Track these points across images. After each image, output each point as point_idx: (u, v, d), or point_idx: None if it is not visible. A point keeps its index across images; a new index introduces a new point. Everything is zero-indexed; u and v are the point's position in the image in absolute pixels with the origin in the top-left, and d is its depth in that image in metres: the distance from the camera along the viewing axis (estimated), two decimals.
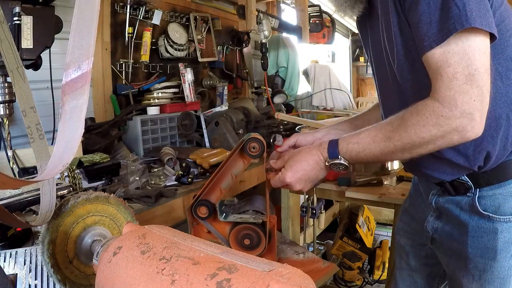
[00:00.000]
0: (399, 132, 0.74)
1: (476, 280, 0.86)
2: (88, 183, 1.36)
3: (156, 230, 0.55)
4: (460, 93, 0.66)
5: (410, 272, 1.12)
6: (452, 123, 0.68)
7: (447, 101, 0.68)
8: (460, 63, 0.66)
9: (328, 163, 0.84)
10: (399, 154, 0.76)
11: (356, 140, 0.80)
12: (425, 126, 0.70)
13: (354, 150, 0.80)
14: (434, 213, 0.95)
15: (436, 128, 0.69)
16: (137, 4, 2.03)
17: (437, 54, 0.68)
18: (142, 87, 2.09)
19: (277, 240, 1.01)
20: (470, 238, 0.84)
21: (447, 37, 0.67)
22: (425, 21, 0.69)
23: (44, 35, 1.05)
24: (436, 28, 0.68)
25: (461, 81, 0.66)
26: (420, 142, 0.72)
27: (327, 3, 4.07)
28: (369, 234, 2.72)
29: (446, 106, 0.68)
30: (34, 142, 0.64)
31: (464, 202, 0.85)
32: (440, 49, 0.68)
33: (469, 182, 0.84)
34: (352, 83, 6.06)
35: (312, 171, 0.86)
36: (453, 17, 0.66)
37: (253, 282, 0.39)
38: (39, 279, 0.72)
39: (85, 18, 0.51)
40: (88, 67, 0.52)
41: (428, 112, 0.70)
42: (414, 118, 0.72)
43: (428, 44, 0.69)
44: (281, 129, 2.14)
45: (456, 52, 0.67)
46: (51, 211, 0.66)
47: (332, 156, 0.83)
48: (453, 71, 0.67)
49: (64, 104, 0.52)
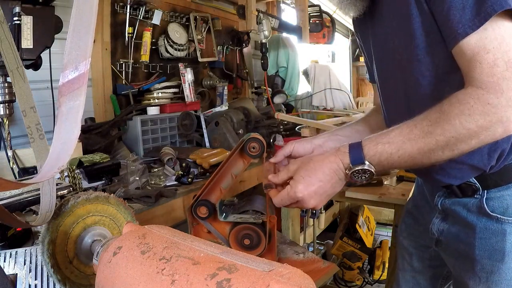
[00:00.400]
0: (441, 124, 0.66)
1: (483, 282, 0.84)
2: (88, 183, 1.36)
3: (156, 230, 0.55)
4: (503, 79, 0.62)
5: (413, 273, 1.11)
6: (498, 112, 0.63)
7: (492, 87, 0.63)
8: (499, 49, 0.63)
9: (350, 171, 0.72)
10: (439, 153, 0.68)
11: (387, 140, 0.70)
12: (471, 115, 0.64)
13: (385, 151, 0.70)
14: (440, 215, 0.93)
15: (483, 117, 0.63)
16: (137, 4, 2.03)
17: (474, 41, 0.64)
18: (142, 87, 2.09)
19: (277, 240, 1.01)
20: (478, 240, 0.82)
21: (485, 22, 0.63)
22: (457, 7, 0.65)
23: (44, 35, 1.05)
24: (471, 14, 0.64)
25: (502, 67, 0.62)
26: (466, 134, 0.65)
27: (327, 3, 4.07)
28: (369, 234, 2.72)
29: (492, 93, 0.62)
30: (34, 142, 0.64)
31: (472, 204, 0.83)
32: (477, 35, 0.64)
33: (477, 184, 0.82)
34: (352, 83, 6.06)
35: (329, 183, 0.74)
36: None
37: (253, 282, 0.39)
38: (39, 279, 0.72)
39: (83, 18, 0.51)
40: (85, 68, 0.52)
41: (473, 100, 0.64)
42: (457, 108, 0.65)
43: (463, 31, 0.65)
44: (281, 129, 2.14)
45: (494, 37, 0.63)
46: (51, 211, 0.66)
47: (356, 161, 0.71)
48: (493, 57, 0.63)
49: (61, 105, 0.52)
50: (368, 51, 0.97)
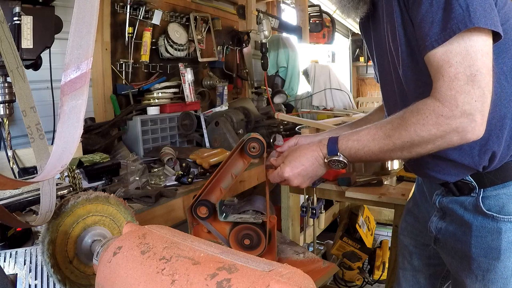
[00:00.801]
0: (399, 130, 0.74)
1: (479, 280, 0.85)
2: (88, 183, 1.36)
3: (156, 230, 0.55)
4: (461, 93, 0.66)
5: (414, 272, 1.12)
6: (452, 123, 0.67)
7: (447, 101, 0.67)
8: (462, 63, 0.66)
9: (327, 160, 0.84)
10: (398, 153, 0.76)
11: (356, 138, 0.80)
12: (424, 125, 0.70)
13: (354, 147, 0.80)
14: (438, 213, 0.95)
15: (436, 127, 0.69)
16: (137, 4, 2.03)
17: (439, 54, 0.68)
18: (142, 87, 2.09)
19: (277, 240, 1.01)
20: (474, 238, 0.84)
21: (450, 37, 0.66)
22: (427, 20, 0.69)
23: (44, 35, 1.05)
24: (438, 28, 0.67)
25: (463, 81, 0.66)
26: (420, 141, 0.72)
27: (327, 3, 4.07)
28: (369, 234, 2.72)
29: (446, 106, 0.67)
30: (34, 142, 0.64)
31: (468, 202, 0.85)
32: (442, 49, 0.67)
33: (473, 183, 0.84)
34: (352, 83, 6.07)
35: (311, 167, 0.86)
36: (456, 17, 0.65)
37: (253, 282, 0.39)
38: (39, 279, 0.72)
39: (85, 18, 0.51)
40: (87, 67, 0.52)
41: (428, 111, 0.69)
42: (414, 117, 0.71)
43: (430, 44, 0.69)
44: (281, 129, 2.14)
45: (458, 52, 0.66)
46: (51, 211, 0.66)
47: (331, 152, 0.83)
48: (455, 71, 0.66)
49: (63, 104, 0.52)
50: (371, 52, 1.00)
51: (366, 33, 1.00)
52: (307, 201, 1.92)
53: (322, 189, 1.82)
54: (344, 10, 0.91)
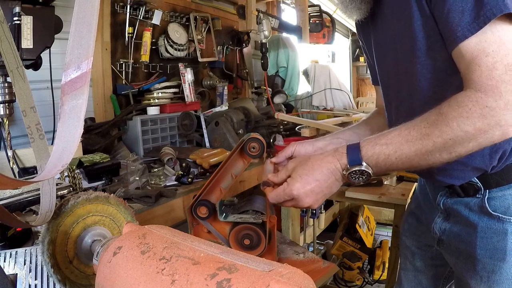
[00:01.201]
0: (439, 126, 0.66)
1: (484, 281, 0.84)
2: (88, 183, 1.36)
3: (156, 230, 0.55)
4: (502, 82, 0.62)
5: (416, 273, 1.11)
6: (496, 115, 0.63)
7: (490, 90, 0.63)
8: (498, 53, 0.63)
9: (347, 172, 0.72)
10: (436, 155, 0.68)
11: (384, 141, 0.70)
12: (469, 118, 0.64)
13: (383, 153, 0.69)
14: (442, 214, 0.93)
15: (481, 120, 0.63)
16: (137, 4, 2.04)
17: (473, 44, 0.65)
18: (142, 87, 2.09)
19: (277, 240, 1.01)
20: (479, 239, 0.83)
21: (484, 25, 0.63)
22: (456, 10, 0.66)
23: (44, 35, 1.05)
24: (470, 17, 0.64)
25: (501, 71, 0.62)
26: (463, 137, 0.65)
27: (327, 3, 4.08)
28: (369, 234, 2.72)
29: (490, 96, 0.62)
30: (34, 142, 0.64)
31: (473, 203, 0.84)
32: (476, 39, 0.64)
33: (479, 184, 0.82)
34: (352, 83, 6.07)
35: (326, 183, 0.74)
36: (490, 2, 0.62)
37: (253, 282, 0.39)
38: (39, 279, 0.72)
39: (85, 17, 0.51)
40: (87, 67, 0.52)
41: (472, 103, 0.64)
42: (456, 111, 0.65)
43: (462, 34, 0.65)
44: (281, 129, 2.14)
45: (493, 41, 0.63)
46: (51, 211, 0.66)
47: (353, 162, 0.71)
48: (492, 60, 0.63)
49: (63, 104, 0.52)
50: (371, 53, 0.98)
51: (365, 32, 0.98)
52: None
53: None
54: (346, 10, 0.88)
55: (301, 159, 0.78)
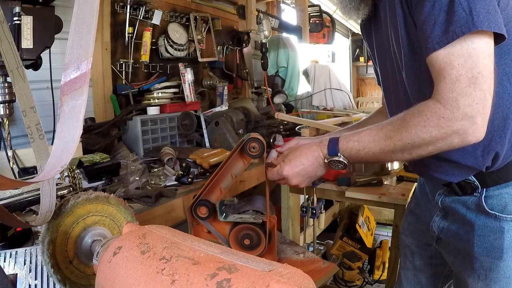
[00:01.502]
0: (400, 132, 0.74)
1: (481, 279, 0.85)
2: (88, 183, 1.36)
3: (156, 230, 0.55)
4: (463, 96, 0.66)
5: (415, 271, 1.12)
6: (453, 125, 0.67)
7: (449, 103, 0.67)
8: (464, 66, 0.66)
9: (327, 160, 0.84)
10: (398, 154, 0.76)
11: (357, 138, 0.80)
12: (425, 127, 0.70)
13: (354, 148, 0.80)
14: (440, 213, 0.95)
15: (437, 129, 0.69)
16: (137, 4, 2.03)
17: (441, 56, 0.68)
18: (142, 87, 2.09)
19: (277, 240, 1.01)
20: (477, 237, 0.84)
21: (452, 40, 0.66)
22: (429, 22, 0.69)
23: (44, 35, 1.05)
24: (441, 30, 0.67)
25: (464, 83, 0.66)
26: (420, 143, 0.72)
27: (327, 3, 4.08)
28: (369, 234, 2.72)
29: (448, 108, 0.67)
30: (34, 142, 0.64)
31: (471, 202, 0.85)
32: (444, 51, 0.67)
33: (476, 182, 0.84)
34: (352, 83, 6.07)
35: (311, 167, 0.86)
36: (459, 20, 0.65)
37: (253, 282, 0.39)
38: (39, 279, 0.72)
39: (85, 18, 0.51)
40: (87, 67, 0.52)
41: (430, 113, 0.69)
42: (416, 119, 0.71)
43: (432, 46, 0.68)
44: (281, 129, 2.14)
45: (461, 54, 0.66)
46: (51, 211, 0.66)
47: (331, 153, 0.83)
48: (457, 73, 0.66)
49: (63, 104, 0.52)
50: (373, 54, 1.00)
51: (367, 34, 1.00)
52: (307, 201, 1.92)
53: (322, 189, 1.82)
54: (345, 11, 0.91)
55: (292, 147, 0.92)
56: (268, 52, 2.86)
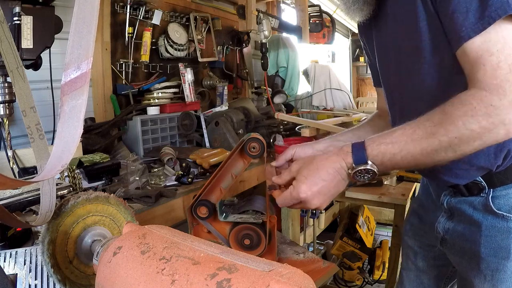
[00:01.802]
0: (444, 125, 0.66)
1: (488, 280, 0.84)
2: (88, 183, 1.36)
3: (156, 230, 0.55)
4: (507, 82, 0.62)
5: (418, 272, 1.12)
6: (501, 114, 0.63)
7: (495, 89, 0.63)
8: (502, 52, 0.63)
9: (352, 171, 0.71)
10: (442, 154, 0.67)
11: (390, 140, 0.70)
12: (474, 116, 0.64)
13: (388, 151, 0.69)
14: (446, 213, 0.93)
15: (486, 118, 0.63)
16: (137, 4, 2.03)
17: (477, 44, 0.64)
18: (142, 87, 2.09)
19: (277, 240, 1.01)
20: (484, 238, 0.83)
21: (488, 26, 0.63)
22: (461, 11, 0.66)
23: (44, 35, 1.05)
24: (474, 17, 0.64)
25: (505, 70, 0.62)
26: (469, 136, 0.65)
27: (327, 3, 4.08)
28: (369, 234, 2.72)
29: (495, 94, 0.63)
30: (34, 142, 0.64)
31: (478, 202, 0.84)
32: (480, 38, 0.64)
33: (483, 183, 0.82)
34: (352, 83, 6.07)
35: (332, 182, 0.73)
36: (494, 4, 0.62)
37: (253, 282, 0.39)
38: (39, 279, 0.72)
39: (85, 17, 0.51)
40: (87, 67, 0.52)
41: (476, 101, 0.64)
42: (460, 109, 0.65)
43: (466, 34, 0.65)
44: (281, 129, 2.14)
45: (498, 40, 0.63)
46: (51, 211, 0.66)
47: (358, 161, 0.71)
48: (497, 59, 0.63)
49: (63, 104, 0.52)
50: (373, 55, 0.97)
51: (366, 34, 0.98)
52: None
53: None
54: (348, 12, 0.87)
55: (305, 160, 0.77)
56: (268, 52, 2.86)
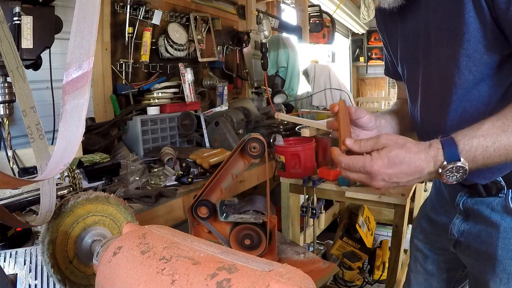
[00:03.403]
0: None
1: (504, 283, 0.82)
2: (88, 183, 1.36)
3: (156, 230, 0.55)
4: None
5: (426, 276, 1.10)
6: None
7: None
8: None
9: (443, 170, 0.67)
10: None
11: (481, 133, 0.65)
12: None
13: (481, 145, 0.65)
14: (461, 215, 0.90)
15: None
16: (137, 4, 2.04)
17: None
18: (142, 87, 2.09)
19: (277, 240, 1.01)
20: (501, 240, 0.80)
21: None
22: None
23: (44, 35, 1.05)
24: None
25: None
26: None
27: (327, 3, 4.08)
28: (369, 234, 2.72)
29: None
30: (34, 142, 0.64)
31: (496, 203, 0.81)
32: None
33: (502, 182, 0.79)
34: (352, 83, 6.07)
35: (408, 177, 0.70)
36: None
37: (253, 282, 0.39)
38: (39, 279, 0.72)
39: (86, 17, 0.51)
40: (89, 66, 0.52)
41: None
42: None
43: None
44: (281, 129, 2.14)
45: None
46: (51, 211, 0.66)
47: (451, 158, 0.66)
48: None
49: (65, 103, 0.52)
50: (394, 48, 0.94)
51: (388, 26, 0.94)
52: (307, 201, 1.91)
53: (322, 189, 1.82)
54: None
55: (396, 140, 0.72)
56: (268, 52, 2.86)
